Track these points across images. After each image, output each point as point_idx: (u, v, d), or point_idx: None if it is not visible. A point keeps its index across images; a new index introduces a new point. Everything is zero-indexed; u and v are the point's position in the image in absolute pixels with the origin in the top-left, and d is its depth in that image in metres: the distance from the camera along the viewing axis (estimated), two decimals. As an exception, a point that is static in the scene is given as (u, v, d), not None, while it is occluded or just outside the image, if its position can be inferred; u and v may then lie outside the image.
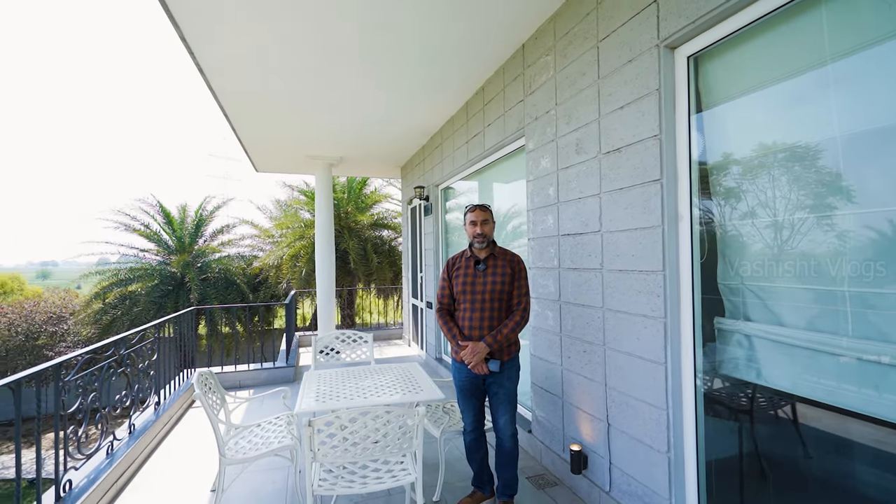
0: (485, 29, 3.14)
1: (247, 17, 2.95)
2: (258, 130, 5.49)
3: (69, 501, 2.48)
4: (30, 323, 14.20)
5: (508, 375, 2.46)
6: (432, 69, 3.79)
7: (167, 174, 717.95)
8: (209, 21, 2.98)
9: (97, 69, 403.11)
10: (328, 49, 3.41)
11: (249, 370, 5.32)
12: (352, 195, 11.50)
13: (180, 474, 3.16)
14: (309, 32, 3.17)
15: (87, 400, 2.86)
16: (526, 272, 2.55)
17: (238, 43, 3.29)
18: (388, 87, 4.16)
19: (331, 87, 4.14)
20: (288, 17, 2.97)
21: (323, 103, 4.58)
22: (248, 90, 4.21)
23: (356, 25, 3.09)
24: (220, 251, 15.38)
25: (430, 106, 4.73)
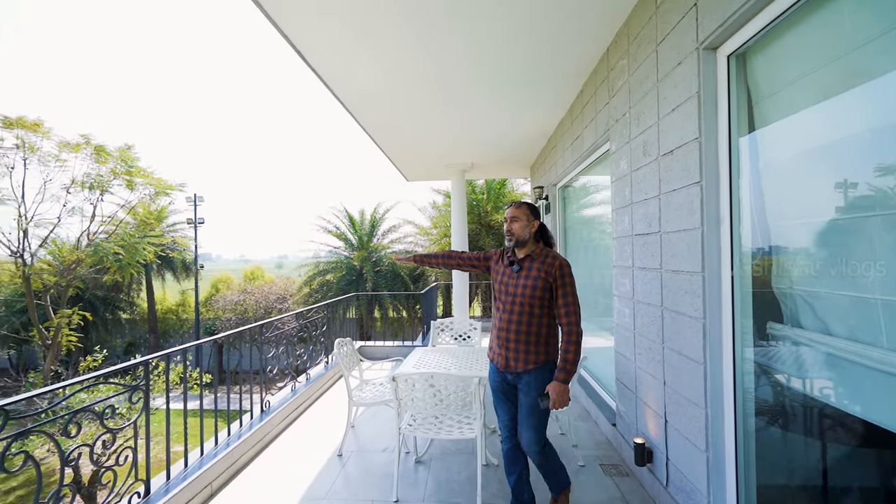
0: (577, 37, 3.30)
1: (383, 71, 3.86)
2: (400, 149, 6.63)
3: (268, 414, 3.79)
4: (267, 301, 19.23)
5: (535, 385, 2.25)
6: (539, 78, 4.05)
7: (354, 182, 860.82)
8: (348, 70, 3.99)
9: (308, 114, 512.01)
10: (454, 82, 4.11)
11: (394, 346, 6.56)
12: (491, 195, 12.24)
13: (337, 411, 4.33)
14: (431, 73, 3.91)
15: (279, 352, 4.23)
16: (571, 279, 2.27)
17: (374, 85, 4.25)
18: (506, 98, 4.56)
19: (455, 109, 4.85)
20: (412, 63, 3.76)
21: (451, 122, 5.34)
22: (387, 120, 5.25)
23: (476, 61, 3.70)
24: (389, 247, 18.06)
25: (544, 111, 5.00)
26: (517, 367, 2.29)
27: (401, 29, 3.15)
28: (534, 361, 2.27)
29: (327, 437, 3.74)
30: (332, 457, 3.37)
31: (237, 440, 3.28)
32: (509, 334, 2.31)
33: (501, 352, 2.34)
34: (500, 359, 2.35)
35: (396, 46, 3.41)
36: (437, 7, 2.88)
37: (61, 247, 15.00)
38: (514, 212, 2.36)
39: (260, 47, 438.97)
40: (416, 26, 3.12)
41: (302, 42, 3.34)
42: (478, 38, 3.30)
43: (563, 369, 2.18)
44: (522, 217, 2.35)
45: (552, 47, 3.45)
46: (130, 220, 15.25)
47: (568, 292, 2.25)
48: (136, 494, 2.46)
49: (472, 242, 11.62)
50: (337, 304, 6.64)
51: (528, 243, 2.36)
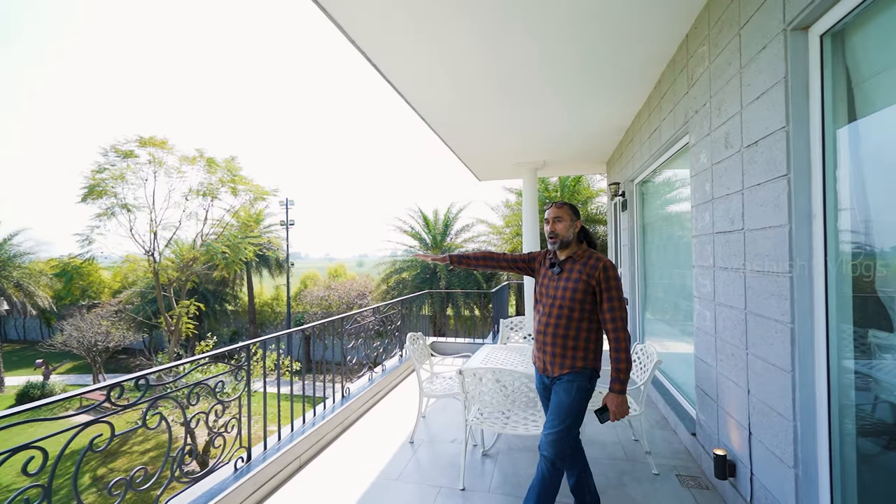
0: (656, 24, 3.15)
1: (450, 75, 4.02)
2: (471, 150, 6.76)
3: (348, 400, 4.13)
4: (349, 296, 20.52)
5: (565, 387, 2.15)
6: (613, 70, 3.90)
7: (428, 183, 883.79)
8: (418, 77, 4.19)
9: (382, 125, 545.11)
10: (522, 80, 4.16)
11: (465, 342, 6.71)
12: (565, 193, 11.89)
13: (409, 401, 4.57)
14: (497, 74, 4.00)
15: (357, 344, 4.57)
16: (616, 281, 2.14)
17: (442, 90, 4.43)
18: (578, 93, 4.44)
19: (524, 107, 4.86)
20: (479, 65, 3.87)
21: (521, 122, 5.35)
22: (456, 122, 5.40)
23: (545, 58, 3.73)
24: (462, 246, 18.32)
25: (619, 103, 4.80)
26: (553, 372, 2.22)
27: (465, 31, 3.26)
28: (569, 367, 2.17)
29: (400, 424, 3.98)
30: (404, 443, 3.59)
31: (321, 421, 3.63)
32: (546, 337, 2.24)
33: (540, 355, 2.29)
34: (539, 362, 2.31)
35: (462, 50, 3.52)
36: (503, 4, 2.93)
37: (181, 246, 17.40)
38: (557, 212, 2.27)
39: (342, 63, 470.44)
40: (481, 27, 3.20)
41: (378, 57, 3.60)
42: (547, 34, 3.25)
43: (617, 379, 2.09)
44: (566, 217, 2.26)
45: (628, 37, 3.31)
46: (234, 223, 17.20)
47: (613, 296, 2.12)
48: (241, 459, 2.86)
49: (545, 241, 11.43)
50: (411, 301, 6.97)
51: (571, 244, 2.28)
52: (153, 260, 14.94)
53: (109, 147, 13.89)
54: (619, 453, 3.32)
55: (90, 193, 13.60)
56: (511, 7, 2.92)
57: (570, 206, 2.32)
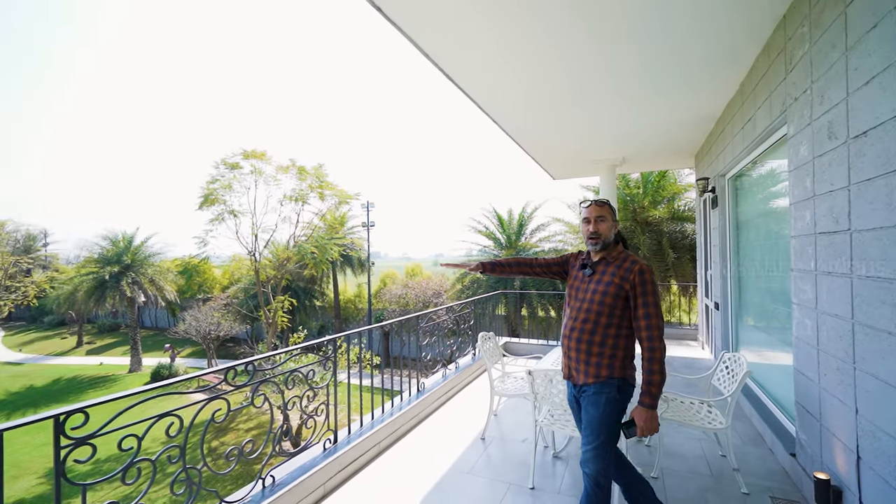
0: (749, 5, 2.91)
1: (519, 77, 4.06)
2: (544, 149, 6.68)
3: (422, 394, 4.35)
4: (425, 295, 21.18)
5: (593, 400, 2.03)
6: (704, 56, 3.64)
7: (502, 183, 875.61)
8: (487, 81, 4.28)
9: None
10: (595, 76, 4.09)
11: (538, 343, 6.66)
12: (648, 189, 11.17)
13: (481, 399, 4.69)
14: (568, 72, 3.97)
15: (431, 341, 4.78)
16: (653, 286, 1.99)
17: (512, 92, 4.47)
18: (660, 83, 4.19)
19: (599, 104, 4.74)
20: (548, 63, 3.88)
21: (596, 118, 5.21)
22: (528, 123, 5.39)
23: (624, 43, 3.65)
24: (538, 246, 18.01)
25: (707, 92, 4.45)
26: (578, 380, 2.11)
27: (532, 34, 3.28)
28: (594, 375, 2.04)
29: (472, 421, 4.10)
30: (475, 439, 3.70)
31: (398, 412, 3.88)
32: (571, 342, 2.13)
33: (565, 361, 2.20)
34: (565, 369, 2.21)
35: (530, 52, 3.54)
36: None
37: (277, 247, 19.25)
38: (600, 210, 2.13)
39: (419, 73, 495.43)
40: (546, 27, 3.20)
41: (453, 70, 3.76)
42: (627, 25, 3.14)
43: (647, 393, 1.92)
44: (609, 217, 2.13)
45: (718, 20, 3.08)
46: (322, 225, 18.63)
47: (649, 302, 1.96)
48: (329, 440, 3.18)
49: (626, 241, 10.84)
50: (485, 301, 7.07)
51: (609, 246, 2.15)
52: (254, 259, 16.75)
53: (220, 160, 15.84)
54: (702, 468, 3.12)
55: (205, 202, 15.61)
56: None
57: (610, 205, 2.19)
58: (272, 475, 2.70)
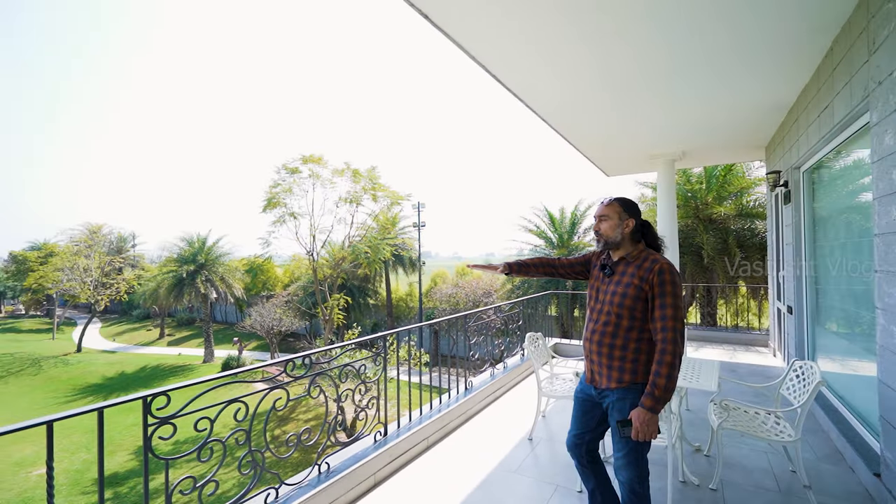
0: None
1: (571, 74, 4.01)
2: (596, 147, 6.49)
3: (470, 392, 4.40)
4: (475, 294, 21.23)
5: (619, 408, 1.96)
6: (775, 38, 3.36)
7: (553, 181, 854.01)
8: (535, 81, 4.24)
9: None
10: (652, 68, 3.95)
11: (590, 346, 6.50)
12: (712, 184, 10.44)
13: (529, 399, 4.66)
14: (622, 66, 3.86)
15: (479, 340, 4.82)
16: (673, 286, 1.89)
17: (563, 91, 4.40)
18: (725, 70, 3.92)
19: (656, 96, 4.54)
20: (599, 60, 3.79)
21: (651, 112, 5.00)
22: (579, 121, 5.27)
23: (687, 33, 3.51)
24: (591, 245, 17.48)
25: (778, 79, 4.10)
26: (601, 384, 2.04)
27: (573, 30, 3.21)
28: (616, 380, 1.97)
29: (520, 421, 4.09)
30: (523, 439, 3.70)
31: (446, 409, 3.96)
32: (592, 345, 2.07)
33: (587, 364, 2.14)
34: (588, 372, 2.15)
35: (578, 45, 3.47)
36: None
37: (333, 247, 20.14)
38: (604, 210, 2.08)
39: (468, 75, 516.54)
40: (580, 25, 3.12)
41: (500, 71, 3.78)
42: (689, 8, 2.99)
43: (650, 395, 1.81)
44: (612, 216, 2.05)
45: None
46: (374, 226, 19.23)
47: (667, 303, 1.86)
48: (379, 433, 3.32)
49: (686, 240, 10.18)
50: (535, 301, 6.98)
51: (623, 245, 2.05)
52: (312, 259, 17.64)
53: (281, 166, 16.84)
54: (768, 482, 2.91)
55: (268, 205, 16.67)
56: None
57: (620, 202, 2.08)
58: (327, 462, 2.87)
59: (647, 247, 2.07)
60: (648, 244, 2.08)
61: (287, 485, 2.60)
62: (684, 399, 3.30)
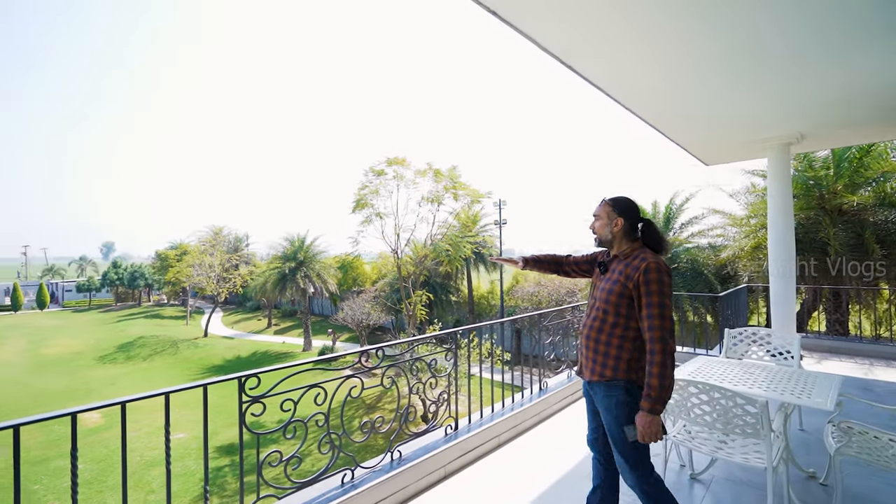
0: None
1: (658, 57, 3.72)
2: (692, 134, 5.90)
3: (545, 393, 4.30)
4: (558, 293, 20.59)
5: (605, 404, 2.01)
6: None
7: (644, 172, 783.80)
8: (616, 68, 3.98)
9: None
10: (757, 40, 3.54)
11: (683, 351, 5.93)
12: (843, 170, 8.85)
13: (608, 408, 4.41)
14: (720, 41, 3.49)
15: (555, 340, 4.67)
16: (659, 285, 1.85)
17: (649, 77, 4.08)
18: (863, 29, 3.37)
19: (764, 70, 4.01)
20: (694, 34, 3.47)
21: (758, 89, 4.42)
22: (670, 107, 4.84)
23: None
24: (690, 242, 15.95)
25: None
26: (585, 375, 2.14)
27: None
28: (598, 374, 2.03)
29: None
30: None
31: (519, 408, 3.90)
32: (582, 339, 2.17)
33: (579, 357, 2.25)
34: (578, 364, 2.26)
35: (674, 20, 3.18)
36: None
37: (416, 245, 20.88)
38: (597, 209, 2.17)
39: (543, 67, 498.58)
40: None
41: (576, 62, 3.62)
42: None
43: (647, 396, 1.84)
44: (602, 215, 2.13)
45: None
46: (455, 224, 19.55)
47: (653, 302, 1.86)
48: (450, 427, 3.39)
49: (807, 235, 8.76)
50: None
51: (616, 243, 2.10)
52: (397, 257, 18.49)
53: (368, 169, 17.89)
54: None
55: (357, 206, 17.81)
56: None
57: (612, 202, 2.12)
58: (399, 450, 3.01)
59: (643, 246, 2.07)
60: (647, 244, 2.08)
61: (362, 467, 2.78)
62: (790, 417, 2.89)
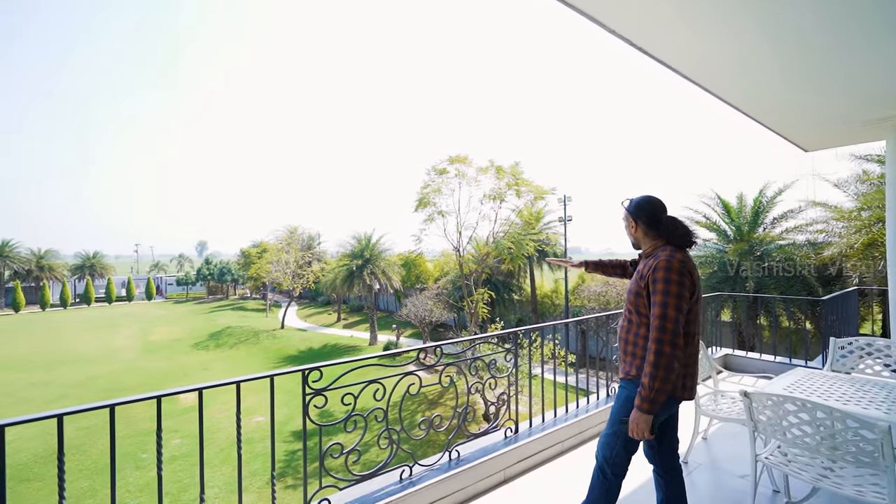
0: None
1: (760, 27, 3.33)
2: (788, 116, 5.23)
3: (612, 399, 4.02)
4: (608, 295, 19.56)
5: (618, 394, 2.11)
6: None
7: (726, 163, 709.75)
8: (698, 44, 3.61)
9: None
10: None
11: (776, 361, 5.29)
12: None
13: (684, 415, 4.03)
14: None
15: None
16: (665, 284, 1.84)
17: (739, 50, 3.67)
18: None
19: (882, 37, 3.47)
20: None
21: (880, 56, 3.82)
22: (765, 86, 4.31)
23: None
24: (784, 238, 14.30)
25: None
26: (620, 375, 2.14)
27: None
28: (626, 372, 2.08)
29: (673, 440, 3.57)
30: (675, 461, 3.21)
31: (584, 414, 3.69)
32: (618, 340, 2.19)
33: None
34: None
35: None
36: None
37: (478, 243, 20.81)
38: (625, 215, 2.17)
39: (610, 53, 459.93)
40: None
41: (647, 42, 3.33)
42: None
43: (639, 394, 1.86)
44: (624, 220, 2.19)
45: None
46: (518, 221, 19.20)
47: (656, 301, 1.85)
48: (510, 429, 3.28)
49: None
50: (705, 305, 6.00)
51: (642, 244, 2.13)
52: (459, 254, 18.53)
53: (431, 167, 18.09)
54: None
55: (419, 205, 18.10)
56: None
57: (629, 206, 2.14)
58: (457, 450, 2.96)
59: (666, 243, 2.03)
60: (669, 240, 2.03)
61: (420, 465, 2.77)
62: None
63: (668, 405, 1.99)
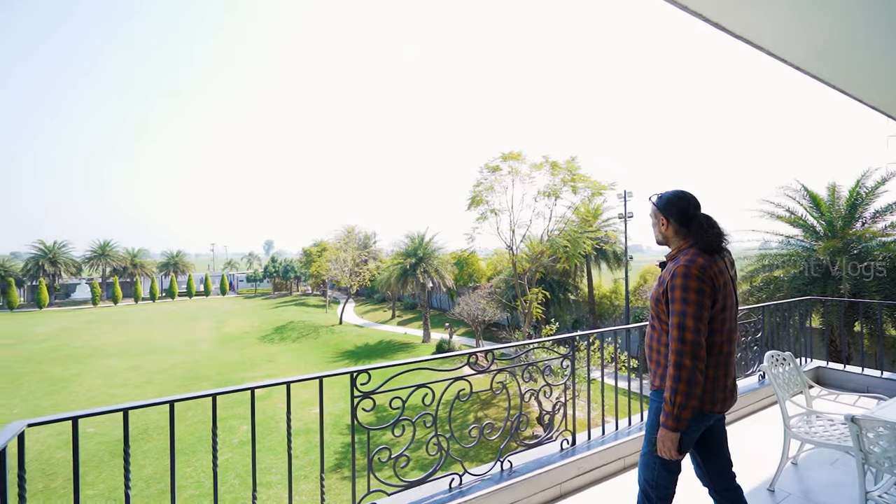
0: None
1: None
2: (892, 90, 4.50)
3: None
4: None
5: (651, 407, 1.94)
6: None
7: (812, 151, 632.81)
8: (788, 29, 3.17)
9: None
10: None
11: (881, 377, 4.56)
12: None
13: (771, 436, 3.59)
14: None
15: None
16: (683, 291, 1.70)
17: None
18: None
19: None
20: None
21: None
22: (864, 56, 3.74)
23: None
24: (888, 234, 12.59)
25: None
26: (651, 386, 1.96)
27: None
28: (652, 383, 1.92)
29: (755, 461, 3.16)
30: (759, 486, 2.84)
31: (649, 428, 3.39)
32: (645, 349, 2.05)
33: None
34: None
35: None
36: None
37: (532, 241, 20.32)
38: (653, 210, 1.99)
39: (667, 29, 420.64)
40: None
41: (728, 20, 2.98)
42: None
43: (662, 410, 1.74)
44: (651, 216, 2.01)
45: None
46: (574, 219, 18.49)
47: (674, 309, 1.73)
48: (566, 441, 3.07)
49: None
50: (787, 308, 5.33)
51: (671, 244, 1.94)
52: (512, 253, 18.19)
53: (483, 165, 17.91)
54: None
55: (472, 203, 17.97)
56: None
57: (657, 201, 1.95)
58: (510, 461, 2.81)
59: (692, 245, 1.83)
60: (698, 242, 1.82)
61: (470, 474, 2.65)
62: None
63: (699, 420, 1.78)
